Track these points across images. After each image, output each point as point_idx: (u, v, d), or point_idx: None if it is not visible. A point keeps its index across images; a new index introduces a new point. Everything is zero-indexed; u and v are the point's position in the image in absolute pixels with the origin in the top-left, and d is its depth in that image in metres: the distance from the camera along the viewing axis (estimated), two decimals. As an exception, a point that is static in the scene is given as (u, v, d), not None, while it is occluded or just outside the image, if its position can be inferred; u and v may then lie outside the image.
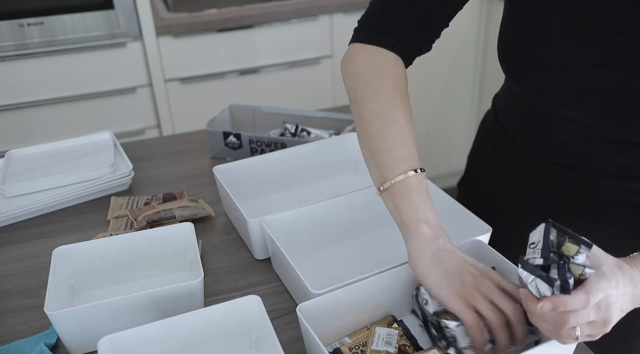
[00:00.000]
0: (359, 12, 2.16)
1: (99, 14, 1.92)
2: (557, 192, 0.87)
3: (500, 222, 0.88)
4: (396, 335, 0.71)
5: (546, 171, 0.87)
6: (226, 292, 0.87)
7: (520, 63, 0.80)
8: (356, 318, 0.75)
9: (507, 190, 0.95)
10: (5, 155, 1.18)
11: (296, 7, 2.09)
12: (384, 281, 0.75)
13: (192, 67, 2.10)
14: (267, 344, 0.72)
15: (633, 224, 0.83)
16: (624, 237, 0.81)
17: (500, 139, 0.95)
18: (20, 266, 0.94)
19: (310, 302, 0.70)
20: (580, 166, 0.83)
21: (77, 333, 0.75)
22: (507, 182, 0.94)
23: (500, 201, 0.97)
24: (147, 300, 0.76)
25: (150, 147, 1.30)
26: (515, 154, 0.92)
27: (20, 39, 1.88)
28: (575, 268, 0.59)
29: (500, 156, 0.95)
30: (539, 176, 0.89)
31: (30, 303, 0.86)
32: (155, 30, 1.99)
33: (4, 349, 0.76)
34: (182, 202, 1.02)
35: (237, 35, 2.10)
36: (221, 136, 1.19)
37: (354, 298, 0.73)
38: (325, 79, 2.27)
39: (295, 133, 1.20)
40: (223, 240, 0.99)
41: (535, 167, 0.89)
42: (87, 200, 1.10)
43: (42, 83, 1.98)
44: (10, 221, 1.04)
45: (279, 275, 0.89)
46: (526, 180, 0.91)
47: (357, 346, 0.71)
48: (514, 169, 0.92)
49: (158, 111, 2.14)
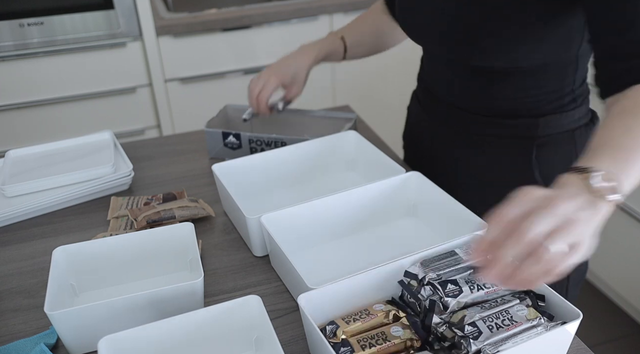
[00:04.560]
0: (359, 12, 2.17)
1: (99, 14, 1.92)
2: (452, 131, 1.04)
3: (428, 162, 1.11)
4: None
5: (440, 111, 1.06)
6: (226, 292, 0.87)
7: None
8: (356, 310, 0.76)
9: (421, 133, 1.14)
10: (5, 155, 1.18)
11: (296, 7, 2.09)
12: (384, 273, 0.76)
13: (192, 67, 2.10)
14: (267, 344, 0.72)
15: (511, 155, 0.99)
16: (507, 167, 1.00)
17: (419, 86, 1.16)
18: (20, 266, 0.94)
19: (311, 292, 0.71)
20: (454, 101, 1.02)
21: (77, 333, 0.75)
22: (422, 125, 1.13)
23: (423, 143, 1.15)
24: (147, 300, 0.76)
25: (150, 147, 1.31)
26: (426, 99, 1.11)
27: (20, 39, 1.88)
28: None
29: (418, 104, 1.15)
30: (437, 115, 1.07)
31: (30, 303, 0.86)
32: (155, 30, 1.99)
33: (4, 349, 0.76)
34: (182, 202, 1.02)
35: (237, 35, 2.10)
36: (220, 136, 1.19)
37: (355, 289, 0.74)
38: (325, 78, 2.27)
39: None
40: (223, 240, 0.99)
41: (436, 108, 1.07)
42: (87, 200, 1.10)
43: (42, 83, 1.98)
44: (10, 221, 1.04)
45: (278, 272, 0.90)
46: (433, 121, 1.09)
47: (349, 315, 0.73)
48: (426, 113, 1.11)
49: (158, 111, 2.14)
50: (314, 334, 0.68)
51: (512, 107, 0.97)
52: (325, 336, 0.69)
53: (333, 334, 0.71)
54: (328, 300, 0.73)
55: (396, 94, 2.39)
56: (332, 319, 0.73)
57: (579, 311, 0.68)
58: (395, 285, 0.78)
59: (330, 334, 0.71)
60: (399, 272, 0.77)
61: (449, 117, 1.05)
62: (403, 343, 0.69)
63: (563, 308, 0.70)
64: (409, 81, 0.97)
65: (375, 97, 2.35)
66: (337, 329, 0.70)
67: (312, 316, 0.69)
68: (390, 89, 2.36)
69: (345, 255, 0.92)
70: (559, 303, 0.71)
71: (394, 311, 0.73)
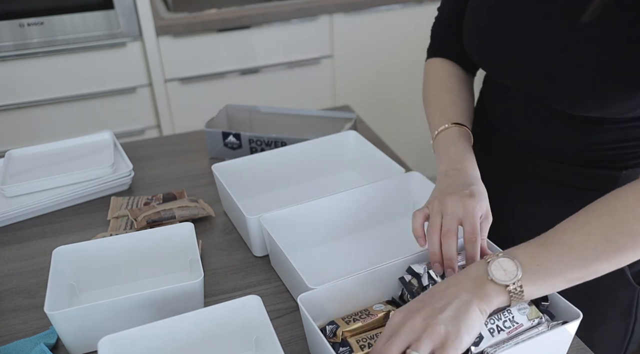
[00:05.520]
0: (359, 12, 2.17)
1: (99, 14, 1.92)
2: (513, 172, 0.93)
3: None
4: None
5: (499, 146, 0.94)
6: (226, 292, 0.87)
7: (467, 31, 0.90)
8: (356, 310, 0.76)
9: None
10: (5, 155, 1.18)
11: (296, 7, 2.09)
12: (385, 273, 0.76)
13: (192, 67, 2.10)
14: (267, 344, 0.72)
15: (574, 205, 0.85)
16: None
17: (477, 120, 0.98)
18: (20, 266, 0.94)
19: (311, 292, 0.71)
20: (525, 142, 0.89)
21: (77, 333, 0.75)
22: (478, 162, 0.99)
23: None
24: (147, 300, 0.76)
25: (150, 147, 1.30)
26: (484, 133, 0.96)
27: (20, 39, 1.88)
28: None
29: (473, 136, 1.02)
30: (497, 154, 0.95)
31: (30, 303, 0.86)
32: (155, 30, 1.99)
33: (4, 349, 0.76)
34: (182, 202, 1.02)
35: (237, 35, 2.10)
36: (220, 137, 1.19)
37: (355, 289, 0.74)
38: (325, 79, 2.27)
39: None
40: (223, 240, 0.99)
41: (498, 146, 0.95)
42: (87, 200, 1.10)
43: (42, 83, 1.98)
44: (10, 221, 1.04)
45: (278, 272, 0.90)
46: (493, 160, 0.96)
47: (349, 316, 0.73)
48: (481, 147, 0.95)
49: (158, 111, 2.14)
50: (314, 334, 0.69)
51: (594, 156, 0.84)
52: (325, 336, 0.69)
53: (333, 334, 0.71)
54: (328, 300, 0.73)
55: (396, 94, 2.39)
56: (332, 319, 0.73)
57: (579, 311, 0.68)
58: (395, 285, 0.78)
59: (330, 334, 0.71)
60: (399, 272, 0.78)
61: (510, 155, 0.92)
62: None
63: (563, 308, 0.70)
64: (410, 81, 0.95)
65: (375, 97, 2.35)
66: (337, 329, 0.70)
67: (312, 316, 0.69)
68: (391, 89, 2.36)
69: (345, 255, 0.92)
70: (559, 303, 0.71)
71: (394, 311, 0.73)
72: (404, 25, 2.23)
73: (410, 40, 2.24)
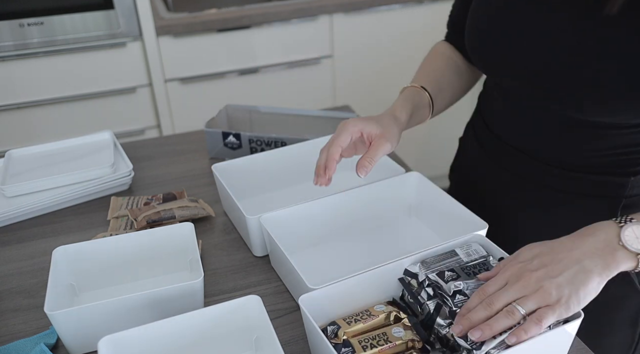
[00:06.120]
0: (359, 12, 2.17)
1: (98, 14, 1.92)
2: (520, 180, 0.92)
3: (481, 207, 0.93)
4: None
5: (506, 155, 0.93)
6: (226, 292, 0.87)
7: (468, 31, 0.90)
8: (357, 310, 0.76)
9: (483, 176, 1.00)
10: (5, 155, 1.18)
11: (296, 7, 2.09)
12: (385, 273, 0.76)
13: (192, 67, 2.10)
14: (267, 344, 0.72)
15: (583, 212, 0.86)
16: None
17: (480, 126, 1.01)
18: (20, 266, 0.94)
19: (312, 293, 0.71)
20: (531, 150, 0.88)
21: (77, 333, 0.75)
22: (484, 169, 1.00)
23: (481, 187, 1.02)
24: (147, 300, 0.76)
25: (150, 147, 1.30)
26: (489, 141, 0.97)
27: (20, 39, 1.88)
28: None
29: (477, 142, 1.02)
30: (504, 162, 0.94)
31: (30, 303, 0.86)
32: (155, 30, 1.99)
33: (4, 349, 0.76)
34: (182, 202, 1.02)
35: (237, 35, 2.10)
36: (220, 137, 1.19)
37: (355, 289, 0.74)
38: (325, 79, 2.27)
39: None
40: (223, 240, 0.99)
41: (503, 154, 0.93)
42: (87, 200, 1.10)
43: (42, 83, 1.98)
44: (10, 221, 1.04)
45: (278, 272, 0.90)
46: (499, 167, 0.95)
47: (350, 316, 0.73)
48: (487, 155, 0.98)
49: (158, 111, 2.14)
50: (315, 335, 0.68)
51: (601, 162, 0.83)
52: (327, 337, 0.69)
53: (334, 334, 0.70)
54: (328, 301, 0.73)
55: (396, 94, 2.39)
56: (333, 319, 0.73)
57: (580, 310, 0.68)
58: (396, 285, 0.78)
59: (332, 334, 0.71)
60: (399, 272, 0.78)
61: (518, 163, 0.91)
62: (404, 344, 0.69)
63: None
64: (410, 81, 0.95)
65: (375, 97, 2.35)
66: (339, 329, 0.70)
67: (313, 317, 0.69)
68: (391, 89, 2.36)
69: (345, 255, 0.92)
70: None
71: (395, 312, 0.73)
72: (404, 25, 2.23)
73: (410, 40, 2.24)
